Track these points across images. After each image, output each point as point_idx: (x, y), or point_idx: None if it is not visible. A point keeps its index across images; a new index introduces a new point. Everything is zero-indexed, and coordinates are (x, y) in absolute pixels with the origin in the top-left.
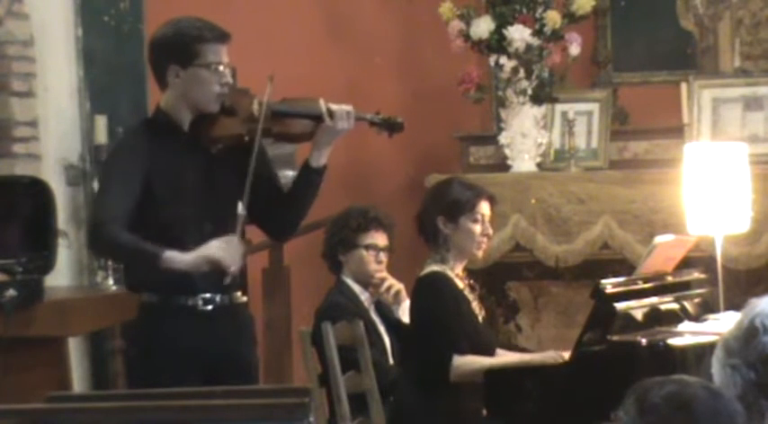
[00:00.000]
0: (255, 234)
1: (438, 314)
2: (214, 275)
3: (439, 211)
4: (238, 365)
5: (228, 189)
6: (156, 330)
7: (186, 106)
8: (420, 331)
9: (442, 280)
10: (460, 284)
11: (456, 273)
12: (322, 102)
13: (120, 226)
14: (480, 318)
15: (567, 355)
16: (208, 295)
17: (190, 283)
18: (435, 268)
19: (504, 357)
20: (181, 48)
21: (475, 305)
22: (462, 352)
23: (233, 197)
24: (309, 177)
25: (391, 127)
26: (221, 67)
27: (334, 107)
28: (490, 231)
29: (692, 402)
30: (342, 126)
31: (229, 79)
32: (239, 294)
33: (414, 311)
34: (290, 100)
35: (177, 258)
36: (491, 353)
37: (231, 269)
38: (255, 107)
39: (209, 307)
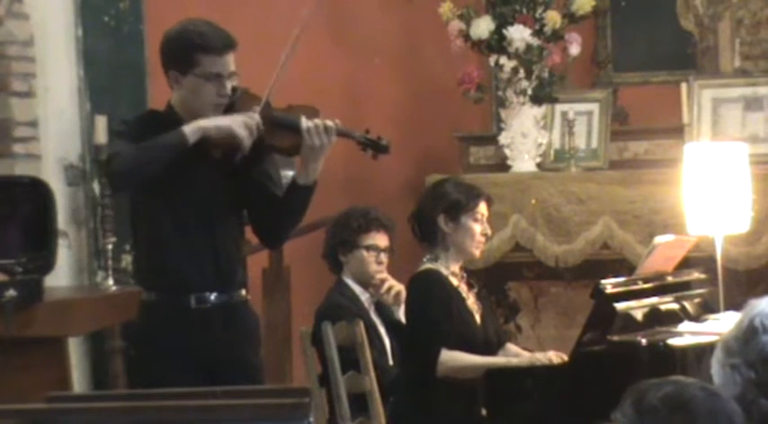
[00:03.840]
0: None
1: (427, 310)
2: (209, 274)
3: (440, 210)
4: (239, 364)
5: (229, 193)
6: (154, 329)
7: (187, 110)
8: (411, 327)
9: (433, 278)
10: (455, 281)
11: (452, 271)
12: (303, 118)
13: None
14: (478, 316)
15: (555, 355)
16: (201, 294)
17: (185, 281)
18: (430, 265)
19: (491, 358)
20: (180, 55)
21: (471, 303)
22: (450, 347)
23: (232, 201)
24: (297, 193)
25: (376, 147)
26: (221, 78)
27: (310, 123)
28: (489, 231)
29: (689, 403)
30: (316, 142)
31: (228, 91)
32: (243, 292)
33: (407, 308)
34: (293, 107)
35: (198, 124)
36: (491, 350)
37: (245, 147)
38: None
39: (202, 306)
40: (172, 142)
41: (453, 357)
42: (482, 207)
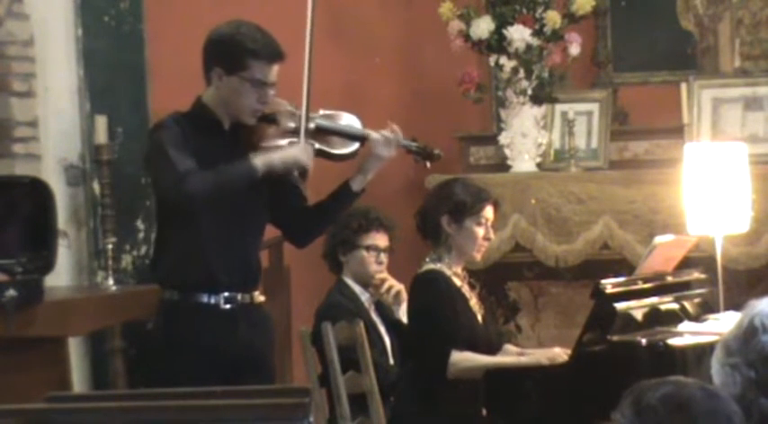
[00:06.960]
0: None
1: (435, 311)
2: (238, 274)
3: (444, 210)
4: (258, 364)
5: (261, 195)
6: (177, 328)
7: (223, 109)
8: (417, 328)
9: (438, 278)
10: (458, 282)
11: (454, 271)
12: (370, 130)
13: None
14: (480, 316)
15: (561, 351)
16: (229, 294)
17: (217, 281)
18: (433, 266)
19: (501, 358)
20: (232, 55)
21: (473, 303)
22: (460, 348)
23: (264, 203)
24: (348, 198)
25: (430, 157)
26: (265, 86)
27: (378, 135)
28: (492, 235)
29: (689, 403)
30: (385, 153)
31: (269, 99)
32: (258, 293)
33: (411, 308)
34: (332, 115)
35: (267, 158)
36: (493, 351)
37: (310, 170)
38: (297, 118)
39: (230, 306)
40: (244, 173)
41: (464, 358)
42: (487, 211)
